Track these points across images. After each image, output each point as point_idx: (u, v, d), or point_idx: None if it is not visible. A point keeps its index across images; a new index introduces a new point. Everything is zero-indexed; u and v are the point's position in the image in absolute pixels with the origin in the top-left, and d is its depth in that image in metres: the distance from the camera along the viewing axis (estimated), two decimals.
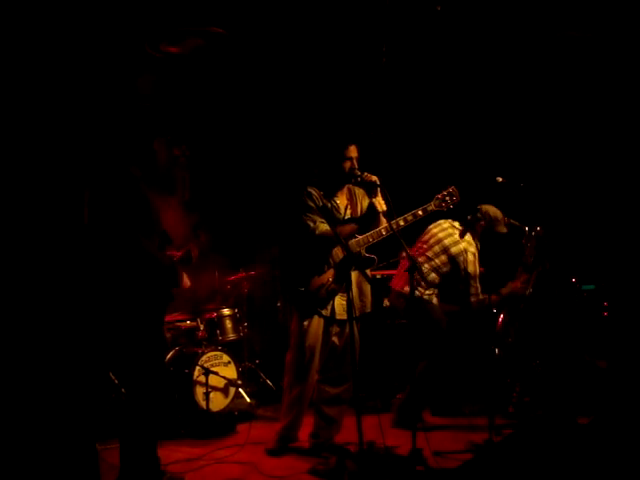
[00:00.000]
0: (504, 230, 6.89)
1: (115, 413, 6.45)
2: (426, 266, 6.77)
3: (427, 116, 8.93)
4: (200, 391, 6.85)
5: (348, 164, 5.84)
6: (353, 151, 5.86)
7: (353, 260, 5.53)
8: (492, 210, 6.88)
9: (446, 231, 6.89)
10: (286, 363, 6.09)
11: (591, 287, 7.45)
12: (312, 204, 5.83)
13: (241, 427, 6.92)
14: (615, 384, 6.80)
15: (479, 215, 6.82)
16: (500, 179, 6.30)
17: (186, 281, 5.07)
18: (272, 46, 7.23)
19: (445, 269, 6.79)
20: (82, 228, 3.84)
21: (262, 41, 7.12)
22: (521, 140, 8.69)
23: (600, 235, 8.28)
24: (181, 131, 5.17)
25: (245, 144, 8.66)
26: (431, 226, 7.03)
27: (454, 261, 6.74)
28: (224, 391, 7.08)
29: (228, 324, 7.57)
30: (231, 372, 7.15)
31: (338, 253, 5.86)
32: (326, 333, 5.95)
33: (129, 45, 6.80)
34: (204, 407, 6.81)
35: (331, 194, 6.01)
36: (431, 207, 5.87)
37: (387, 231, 5.72)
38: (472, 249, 6.80)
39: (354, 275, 5.83)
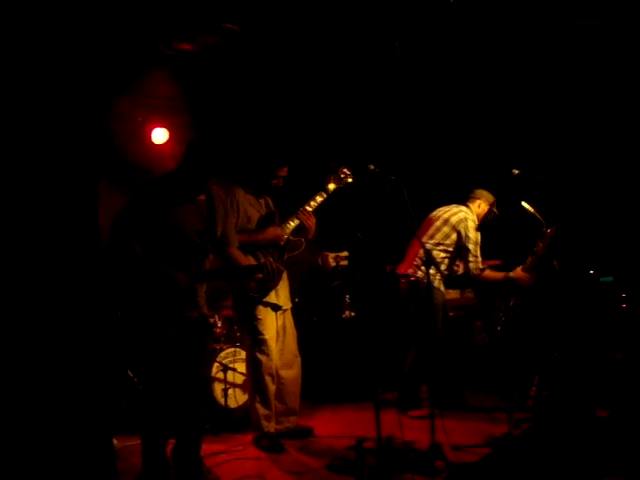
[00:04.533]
0: (497, 212, 7.28)
1: (137, 411, 6.51)
2: (436, 252, 7.07)
3: (442, 109, 8.90)
4: (218, 387, 6.85)
5: (275, 181, 6.36)
6: (284, 171, 6.35)
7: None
8: (486, 193, 7.23)
9: (450, 211, 7.20)
10: (252, 362, 6.23)
11: (609, 279, 7.41)
12: (230, 205, 6.10)
13: None
14: (634, 377, 6.77)
15: (477, 194, 7.24)
16: (516, 171, 6.29)
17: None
18: (282, 41, 7.21)
19: (454, 248, 7.09)
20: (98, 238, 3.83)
21: (272, 37, 7.11)
22: (537, 132, 8.66)
23: (618, 227, 8.24)
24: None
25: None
26: (434, 212, 7.33)
27: (457, 231, 7.03)
28: (242, 387, 7.07)
29: None
30: None
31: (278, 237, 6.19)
32: (278, 322, 6.32)
33: (142, 42, 6.81)
34: (222, 404, 6.81)
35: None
36: (332, 186, 6.32)
37: (300, 214, 6.22)
38: (472, 217, 7.10)
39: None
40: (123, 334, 6.18)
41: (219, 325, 7.37)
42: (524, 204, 6.92)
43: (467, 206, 7.23)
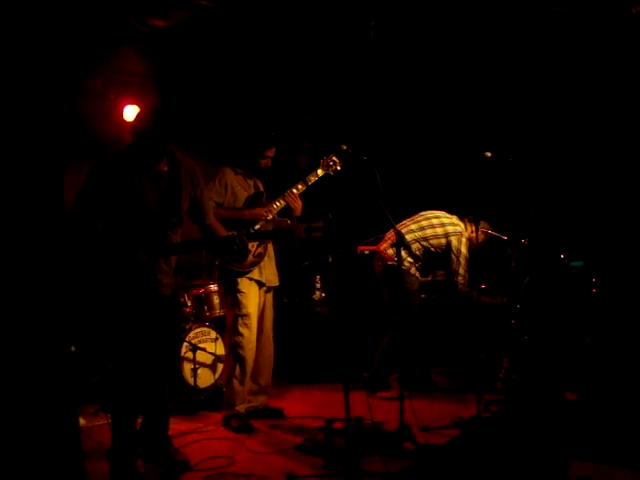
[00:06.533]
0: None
1: (106, 389, 6.48)
2: (417, 245, 7.07)
3: (416, 91, 8.87)
4: (188, 367, 6.83)
5: (264, 162, 6.38)
6: (272, 152, 6.39)
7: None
8: (486, 224, 7.34)
9: (451, 219, 7.26)
10: (233, 335, 6.24)
11: (580, 264, 7.43)
12: (218, 184, 6.21)
13: None
14: (604, 361, 6.81)
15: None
16: (489, 154, 6.26)
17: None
18: (256, 18, 7.15)
19: (435, 250, 7.15)
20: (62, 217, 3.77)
21: (246, 14, 7.04)
22: (510, 116, 8.66)
23: (589, 211, 8.27)
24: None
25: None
26: (434, 211, 7.36)
27: (448, 240, 7.10)
28: (212, 367, 7.07)
29: (215, 300, 7.51)
30: (219, 348, 7.13)
31: (261, 216, 6.24)
32: (260, 299, 6.36)
33: (114, 18, 6.72)
34: (192, 383, 6.80)
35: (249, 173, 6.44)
36: (320, 171, 6.36)
37: (287, 195, 6.27)
38: (466, 235, 7.18)
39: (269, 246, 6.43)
40: (90, 312, 6.15)
41: (189, 304, 7.33)
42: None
43: (465, 224, 7.29)
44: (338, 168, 6.38)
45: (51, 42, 3.66)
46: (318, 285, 8.68)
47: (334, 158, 6.37)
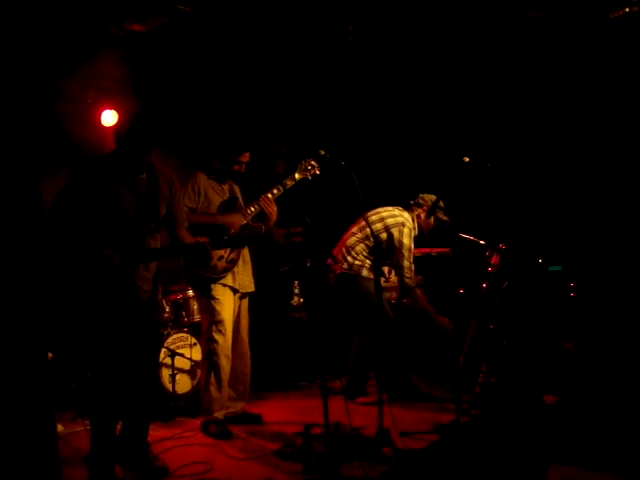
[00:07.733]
0: (446, 218, 7.29)
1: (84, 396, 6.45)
2: (362, 246, 7.10)
3: (394, 96, 8.89)
4: (166, 373, 6.80)
5: (237, 167, 6.34)
6: (245, 157, 6.34)
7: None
8: (434, 197, 7.23)
9: (391, 212, 7.23)
10: (208, 342, 6.21)
11: (558, 268, 7.46)
12: (191, 189, 6.17)
13: None
14: (582, 365, 6.84)
15: (421, 201, 7.28)
16: (467, 159, 6.28)
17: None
18: (234, 24, 7.14)
19: (384, 245, 7.06)
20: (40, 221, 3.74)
21: (224, 20, 7.03)
22: (488, 121, 8.69)
23: (567, 215, 8.30)
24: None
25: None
26: (377, 209, 7.35)
27: (389, 233, 7.04)
28: (190, 373, 7.04)
29: (193, 305, 7.49)
30: (197, 354, 7.10)
31: (235, 222, 6.19)
32: (235, 305, 6.33)
33: (92, 23, 6.69)
34: (170, 389, 6.77)
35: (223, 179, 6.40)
36: (297, 175, 6.40)
37: (262, 200, 6.26)
38: (409, 225, 7.09)
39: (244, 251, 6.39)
40: (68, 318, 6.12)
41: (167, 310, 7.30)
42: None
43: (410, 212, 7.27)
44: (317, 172, 6.39)
45: (28, 42, 3.64)
46: (296, 290, 8.67)
47: (312, 162, 6.39)
